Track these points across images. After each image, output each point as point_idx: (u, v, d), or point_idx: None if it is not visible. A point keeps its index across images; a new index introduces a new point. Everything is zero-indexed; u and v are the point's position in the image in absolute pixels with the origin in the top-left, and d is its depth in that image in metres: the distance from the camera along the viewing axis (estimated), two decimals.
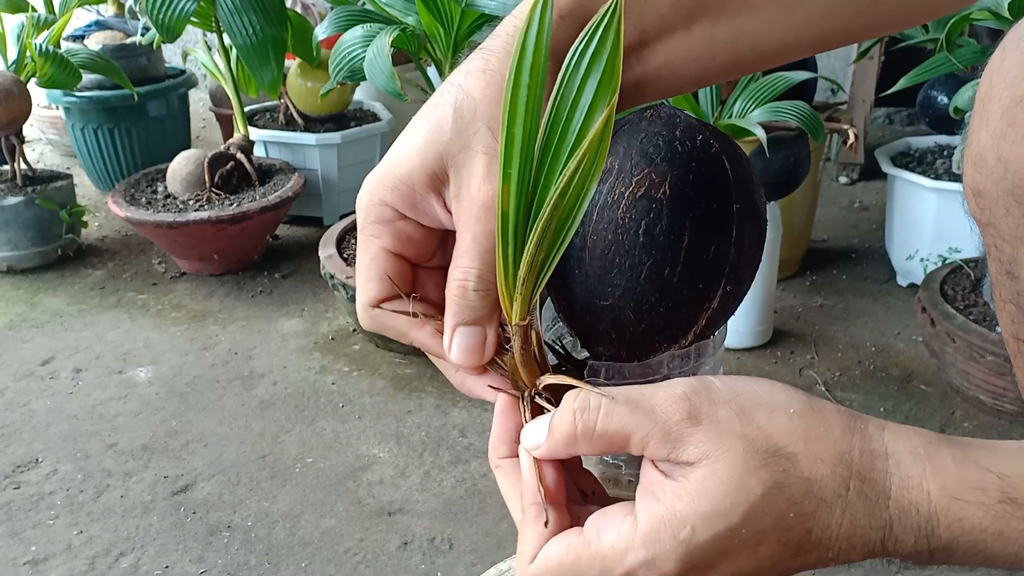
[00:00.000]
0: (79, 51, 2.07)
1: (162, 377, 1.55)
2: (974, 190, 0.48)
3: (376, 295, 0.43)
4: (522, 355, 0.37)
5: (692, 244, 0.36)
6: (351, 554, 1.13)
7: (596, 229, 0.36)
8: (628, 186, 0.36)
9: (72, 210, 2.00)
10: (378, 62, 1.26)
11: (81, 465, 1.32)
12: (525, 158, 0.34)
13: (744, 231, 0.37)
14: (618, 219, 0.36)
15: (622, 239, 0.36)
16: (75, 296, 1.87)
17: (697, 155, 0.37)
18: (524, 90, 0.34)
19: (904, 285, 1.77)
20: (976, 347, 1.28)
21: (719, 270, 0.36)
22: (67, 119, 2.40)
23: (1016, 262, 0.47)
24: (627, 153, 0.37)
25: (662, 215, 0.35)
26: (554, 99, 0.34)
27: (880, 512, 0.35)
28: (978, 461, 0.36)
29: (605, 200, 0.36)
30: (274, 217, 1.94)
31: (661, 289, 0.36)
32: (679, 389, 0.35)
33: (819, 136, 1.36)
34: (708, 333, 0.39)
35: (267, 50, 1.73)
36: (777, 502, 0.34)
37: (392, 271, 0.43)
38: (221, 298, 1.84)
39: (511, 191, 0.34)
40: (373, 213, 0.43)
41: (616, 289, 0.36)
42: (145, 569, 1.12)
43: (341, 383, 1.51)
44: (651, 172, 0.36)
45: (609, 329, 0.38)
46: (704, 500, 0.33)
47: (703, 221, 0.36)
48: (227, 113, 2.45)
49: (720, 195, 0.37)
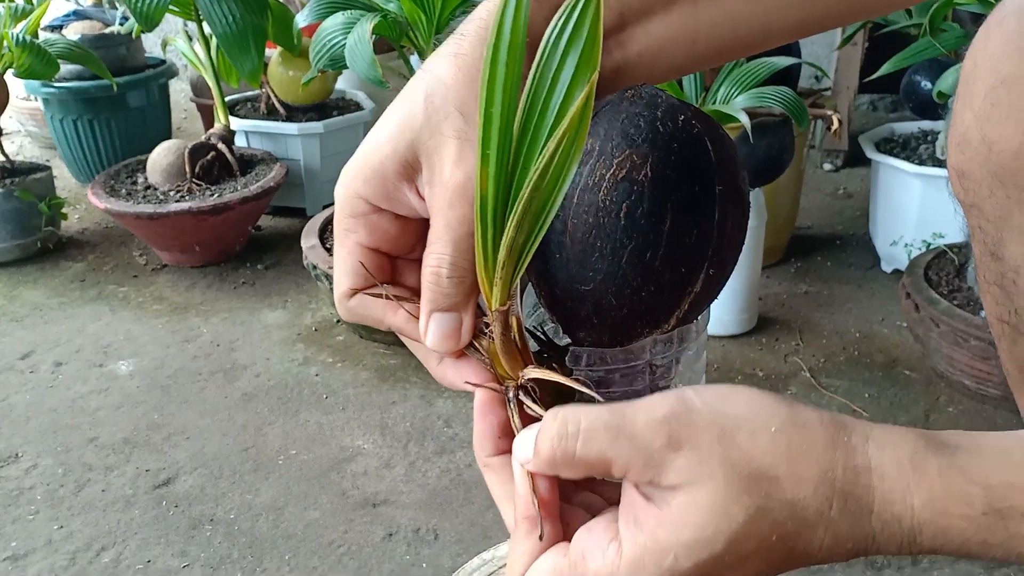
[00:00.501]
0: (57, 41, 2.04)
1: (143, 370, 1.54)
2: (958, 171, 0.47)
3: (351, 287, 0.43)
4: (502, 341, 0.36)
5: (674, 227, 0.35)
6: (335, 546, 1.13)
7: (576, 212, 0.35)
8: (609, 168, 0.35)
9: (51, 202, 1.97)
10: (359, 49, 1.25)
11: (61, 459, 1.31)
12: (504, 139, 0.33)
13: (727, 214, 0.36)
14: (599, 202, 0.35)
15: (603, 222, 0.35)
16: (55, 289, 1.85)
17: (679, 136, 0.36)
18: (502, 69, 0.33)
19: (888, 271, 1.77)
20: (960, 332, 1.28)
21: (702, 253, 0.36)
22: (46, 110, 2.37)
23: (1000, 243, 0.46)
24: (608, 135, 0.36)
25: (644, 197, 0.34)
26: (532, 79, 0.33)
27: (863, 525, 0.35)
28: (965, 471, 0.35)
29: (585, 183, 0.35)
30: (256, 208, 1.92)
31: (643, 273, 0.35)
32: (660, 412, 0.35)
33: (803, 122, 1.36)
34: (691, 318, 0.38)
35: (247, 38, 1.71)
36: (760, 527, 0.34)
37: (368, 264, 0.42)
38: (203, 290, 1.82)
39: (490, 173, 0.33)
40: (347, 206, 0.42)
41: (597, 273, 0.35)
42: (127, 563, 1.11)
43: (325, 374, 1.50)
44: (632, 154, 0.35)
45: (591, 314, 0.37)
46: (687, 529, 0.33)
47: (685, 204, 0.35)
48: (208, 104, 2.42)
49: (702, 177, 0.36)
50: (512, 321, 0.35)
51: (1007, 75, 0.43)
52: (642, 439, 0.34)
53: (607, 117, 0.37)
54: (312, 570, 1.09)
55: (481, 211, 0.34)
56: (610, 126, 0.36)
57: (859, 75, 2.28)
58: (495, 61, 0.33)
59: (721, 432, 0.34)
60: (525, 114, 0.33)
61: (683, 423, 0.34)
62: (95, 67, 2.04)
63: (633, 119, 0.36)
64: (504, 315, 0.35)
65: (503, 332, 0.36)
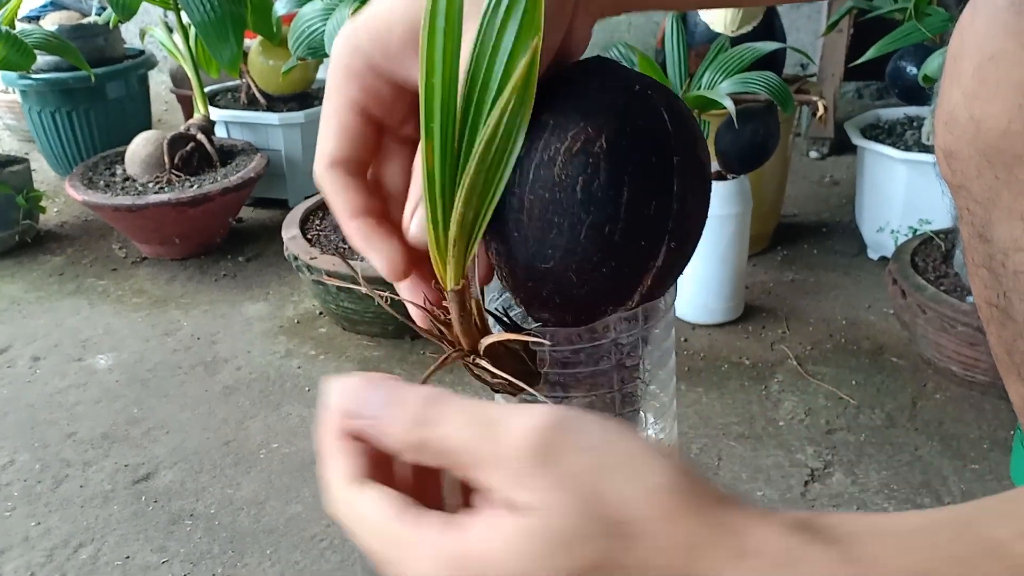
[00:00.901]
0: (33, 31, 2.01)
1: (123, 364, 1.51)
2: (945, 152, 0.46)
3: (334, 153, 0.38)
4: (460, 322, 0.35)
5: (632, 199, 0.34)
6: (317, 540, 1.11)
7: (533, 189, 0.34)
8: (563, 141, 0.34)
9: (29, 195, 1.95)
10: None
11: (39, 455, 1.29)
12: (447, 111, 0.32)
13: (686, 185, 0.35)
14: (554, 176, 0.34)
15: (559, 197, 0.33)
16: (33, 283, 1.82)
17: (634, 107, 0.35)
18: (440, 37, 0.31)
19: (875, 258, 1.77)
20: (947, 318, 1.28)
21: (662, 226, 0.34)
22: (24, 102, 2.34)
23: (988, 225, 0.45)
24: (561, 108, 0.35)
25: (599, 170, 0.33)
26: (473, 47, 0.32)
27: None
28: None
29: (541, 158, 0.34)
30: (236, 199, 1.90)
31: (603, 248, 0.34)
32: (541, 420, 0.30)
33: (788, 107, 1.35)
34: (655, 294, 0.37)
35: (226, 26, 1.69)
36: None
37: (356, 131, 0.38)
38: (183, 283, 1.80)
39: (435, 147, 0.32)
40: (345, 59, 0.38)
41: (557, 250, 0.34)
42: (105, 560, 1.09)
43: (307, 367, 1.48)
44: (587, 126, 0.33)
45: (552, 293, 0.35)
46: (511, 558, 0.29)
47: (643, 175, 0.34)
48: (188, 94, 2.39)
49: (659, 147, 0.34)
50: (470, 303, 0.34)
51: (995, 52, 0.42)
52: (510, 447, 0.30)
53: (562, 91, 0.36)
54: (294, 564, 1.07)
55: (429, 188, 0.32)
56: (564, 100, 0.35)
57: (844, 62, 2.27)
58: (433, 31, 0.31)
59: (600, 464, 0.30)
60: (468, 84, 0.32)
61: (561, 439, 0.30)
62: (73, 58, 2.01)
63: (587, 91, 0.35)
64: (460, 294, 0.34)
65: (461, 312, 0.34)
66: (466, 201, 0.31)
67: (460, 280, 0.33)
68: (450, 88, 0.31)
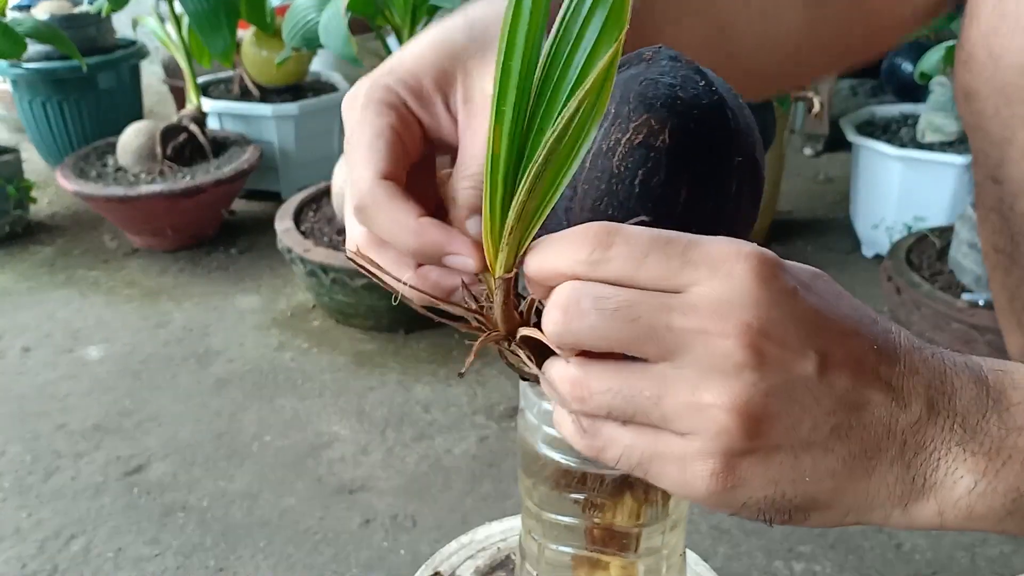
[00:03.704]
0: (24, 20, 1.99)
1: (114, 355, 1.50)
2: (964, 91, 0.46)
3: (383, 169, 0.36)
4: (503, 311, 0.34)
5: (690, 198, 0.33)
6: (311, 533, 1.10)
7: (588, 178, 0.33)
8: (625, 132, 0.33)
9: (20, 185, 1.93)
10: (333, 26, 1.22)
11: (30, 446, 1.28)
12: (521, 96, 0.31)
13: (743, 187, 0.34)
14: (612, 168, 0.33)
15: (616, 190, 0.33)
16: (23, 274, 1.81)
17: (699, 102, 0.34)
18: (525, 19, 0.31)
19: (869, 256, 1.77)
20: (942, 315, 1.28)
21: (716, 228, 0.33)
22: (14, 92, 2.32)
23: (1001, 165, 0.45)
24: (624, 97, 0.34)
25: (660, 165, 0.32)
26: (555, 34, 0.31)
27: (925, 350, 0.32)
28: None
29: (599, 147, 0.33)
30: (229, 190, 1.89)
31: None
32: None
33: (784, 101, 1.34)
34: None
35: (219, 16, 1.68)
36: None
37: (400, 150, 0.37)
38: (175, 274, 1.79)
39: (503, 131, 0.31)
40: (378, 94, 0.37)
41: None
42: (97, 552, 1.08)
43: (300, 360, 1.48)
44: (650, 118, 0.33)
45: None
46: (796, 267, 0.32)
47: (703, 173, 0.33)
48: (181, 85, 2.38)
49: (722, 146, 0.34)
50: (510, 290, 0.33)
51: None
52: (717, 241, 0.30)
53: (624, 79, 0.35)
54: (287, 557, 1.07)
55: (492, 171, 0.32)
56: (627, 88, 0.34)
57: None
58: (518, 13, 0.31)
59: None
60: (545, 72, 0.31)
61: None
62: (64, 47, 2.00)
63: (652, 82, 0.34)
64: (508, 283, 0.33)
65: (505, 301, 0.33)
66: (529, 190, 0.30)
67: (512, 268, 0.32)
68: (527, 73, 0.31)
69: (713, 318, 0.29)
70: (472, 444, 1.25)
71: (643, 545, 0.42)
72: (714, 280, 0.29)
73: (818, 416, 0.30)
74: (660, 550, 0.43)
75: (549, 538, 0.44)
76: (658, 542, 0.43)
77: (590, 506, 0.41)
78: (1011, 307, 0.49)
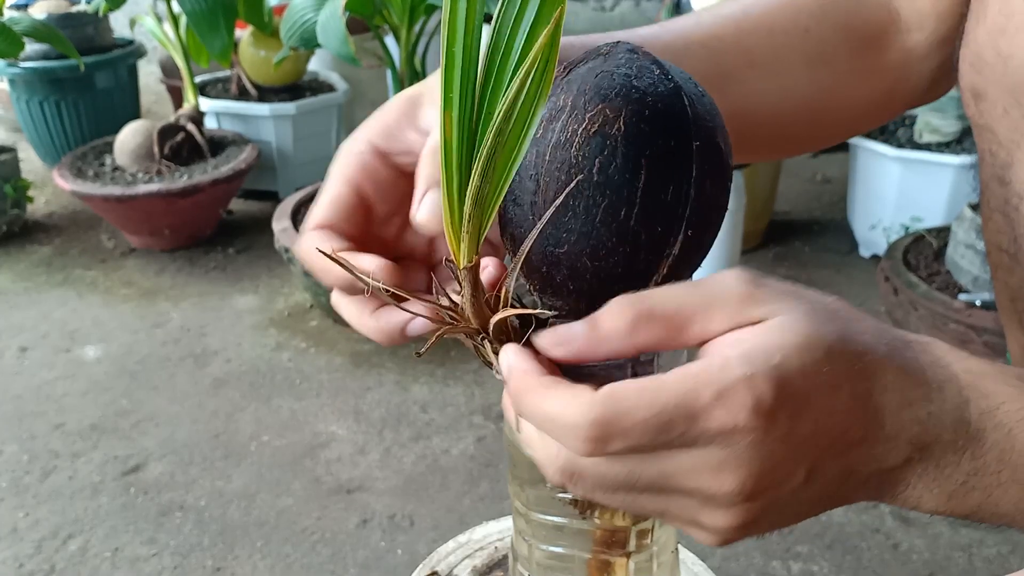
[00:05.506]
0: (22, 19, 1.99)
1: (111, 355, 1.50)
2: (973, 92, 0.46)
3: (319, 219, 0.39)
4: (472, 303, 0.34)
5: (649, 183, 0.33)
6: (308, 533, 1.10)
7: (549, 170, 0.34)
8: (581, 123, 0.33)
9: (17, 184, 1.93)
10: (331, 25, 1.22)
11: (27, 446, 1.28)
12: (467, 81, 0.31)
13: (705, 171, 0.34)
14: (571, 158, 0.33)
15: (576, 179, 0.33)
16: (20, 273, 1.81)
17: (654, 90, 0.34)
18: (464, 4, 0.31)
19: (867, 256, 1.77)
20: (939, 315, 1.28)
21: (678, 212, 0.34)
22: (12, 91, 2.32)
23: (1009, 166, 0.45)
24: (581, 90, 0.34)
25: (616, 152, 0.33)
26: (496, 17, 0.31)
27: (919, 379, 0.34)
28: None
29: (558, 139, 0.34)
30: (227, 190, 1.89)
31: (618, 232, 0.33)
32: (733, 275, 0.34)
33: None
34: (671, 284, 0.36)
35: (217, 16, 1.68)
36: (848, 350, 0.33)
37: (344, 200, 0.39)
38: (173, 274, 1.79)
39: (453, 118, 0.31)
40: (347, 145, 0.41)
41: (571, 234, 0.34)
42: (94, 551, 1.08)
43: (298, 360, 1.48)
44: (605, 107, 0.33)
45: (566, 279, 0.35)
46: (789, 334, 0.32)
47: (660, 159, 0.33)
48: (178, 85, 2.38)
49: (679, 132, 0.34)
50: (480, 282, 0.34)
51: None
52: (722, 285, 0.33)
53: (582, 73, 0.35)
54: (285, 557, 1.07)
55: (445, 160, 0.32)
56: (584, 81, 0.35)
57: None
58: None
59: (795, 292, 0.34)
60: (489, 55, 0.31)
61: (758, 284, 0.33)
62: (61, 46, 1.99)
63: (607, 74, 0.35)
64: (473, 272, 0.33)
65: (473, 292, 0.34)
66: (483, 174, 0.31)
67: (474, 257, 0.33)
68: (471, 57, 0.31)
69: (712, 480, 0.32)
70: (470, 444, 1.25)
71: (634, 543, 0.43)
72: (712, 447, 0.31)
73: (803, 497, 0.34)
74: (650, 547, 0.43)
75: (539, 538, 0.45)
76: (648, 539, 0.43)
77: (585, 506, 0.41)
78: (1013, 307, 0.49)
